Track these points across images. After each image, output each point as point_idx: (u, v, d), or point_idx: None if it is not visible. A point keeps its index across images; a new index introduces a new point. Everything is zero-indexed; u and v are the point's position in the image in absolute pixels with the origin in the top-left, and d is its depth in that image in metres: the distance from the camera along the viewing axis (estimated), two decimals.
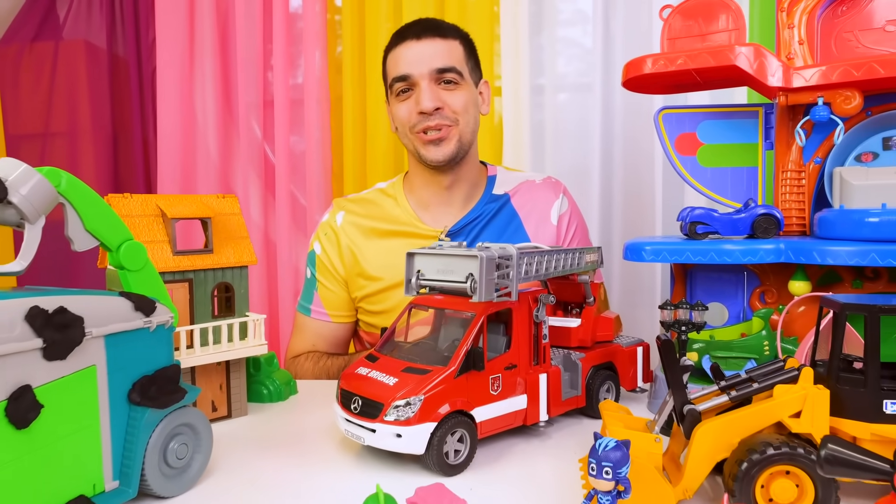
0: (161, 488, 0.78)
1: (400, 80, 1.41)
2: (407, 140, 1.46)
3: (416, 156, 1.46)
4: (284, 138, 2.23)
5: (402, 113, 1.43)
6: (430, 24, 1.44)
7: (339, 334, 1.57)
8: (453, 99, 1.40)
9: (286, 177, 2.24)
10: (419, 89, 1.40)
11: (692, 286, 1.13)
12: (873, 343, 0.68)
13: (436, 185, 1.49)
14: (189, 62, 2.30)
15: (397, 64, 1.42)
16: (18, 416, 0.63)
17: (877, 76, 0.91)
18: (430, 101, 1.38)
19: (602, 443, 0.64)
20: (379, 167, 2.15)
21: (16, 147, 2.36)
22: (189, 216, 1.03)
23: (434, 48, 1.39)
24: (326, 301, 1.55)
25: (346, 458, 0.91)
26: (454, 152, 1.42)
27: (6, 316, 0.63)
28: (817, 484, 0.65)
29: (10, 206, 0.69)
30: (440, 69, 1.39)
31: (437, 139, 1.40)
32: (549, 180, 1.58)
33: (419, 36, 1.40)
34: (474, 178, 1.52)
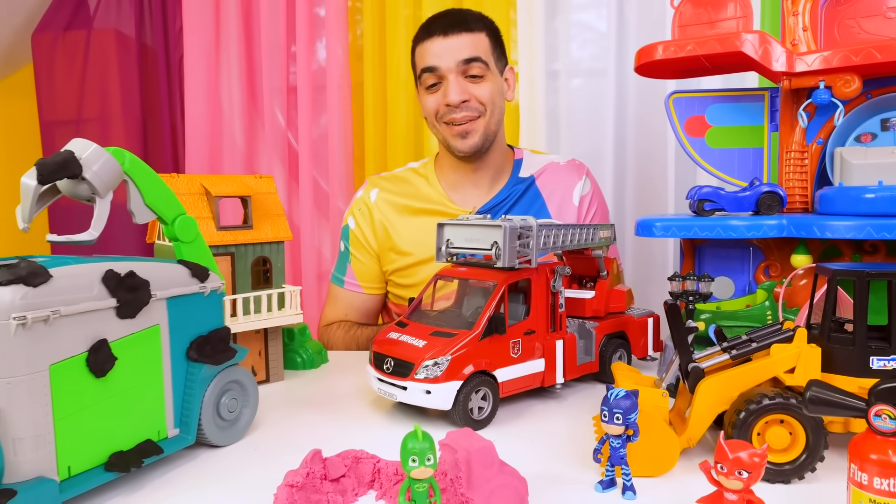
0: (215, 438, 0.87)
1: (428, 70, 1.47)
2: (436, 130, 1.54)
3: (446, 145, 1.54)
4: (307, 124, 2.31)
5: (430, 104, 1.50)
6: (456, 19, 1.49)
7: (370, 305, 1.66)
8: (480, 91, 1.47)
9: (309, 162, 2.31)
10: (447, 82, 1.46)
11: (700, 261, 1.20)
12: (862, 305, 0.75)
13: (463, 169, 1.57)
14: (215, 50, 2.37)
15: (425, 56, 1.48)
16: (97, 366, 0.72)
17: (874, 61, 0.97)
18: (456, 95, 1.45)
19: (613, 392, 0.72)
20: (399, 151, 2.22)
21: (50, 132, 2.46)
22: (231, 194, 1.11)
23: (460, 42, 1.45)
24: (359, 273, 1.64)
25: (377, 415, 1.00)
26: (480, 143, 1.50)
27: (86, 278, 0.72)
28: (808, 431, 0.73)
29: (83, 182, 0.77)
30: (466, 60, 1.45)
31: (464, 132, 1.47)
32: (573, 163, 1.65)
33: (446, 32, 1.46)
34: (500, 163, 1.60)
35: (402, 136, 2.24)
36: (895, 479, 0.54)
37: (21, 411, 0.65)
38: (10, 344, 0.65)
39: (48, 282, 0.68)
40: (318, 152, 2.35)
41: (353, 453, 0.76)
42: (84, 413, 0.71)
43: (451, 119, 1.47)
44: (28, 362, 0.66)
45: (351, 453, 0.76)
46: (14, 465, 0.65)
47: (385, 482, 0.74)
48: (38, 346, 0.67)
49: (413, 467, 0.63)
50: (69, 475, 0.70)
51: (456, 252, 0.97)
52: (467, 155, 1.51)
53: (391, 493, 0.72)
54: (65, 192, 0.79)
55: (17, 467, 0.66)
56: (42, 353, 0.67)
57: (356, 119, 2.33)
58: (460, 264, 1.04)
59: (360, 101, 2.32)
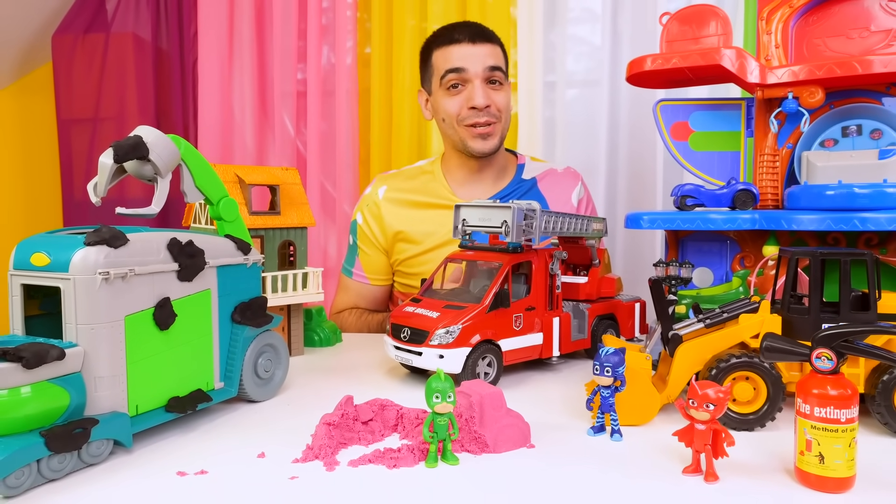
0: (253, 393, 0.99)
1: (454, 71, 1.58)
2: (453, 131, 1.64)
3: (461, 145, 1.64)
4: (315, 129, 2.42)
5: (452, 107, 1.61)
6: (480, 30, 1.62)
7: (378, 294, 1.78)
8: (499, 98, 1.61)
9: (317, 168, 2.43)
10: (472, 86, 1.58)
11: (683, 253, 1.33)
12: (816, 280, 0.88)
13: (469, 167, 1.69)
14: (228, 54, 2.49)
15: (450, 58, 1.59)
16: (162, 320, 0.83)
17: (835, 75, 1.11)
18: (482, 99, 1.57)
19: (604, 349, 0.84)
20: (403, 155, 2.34)
21: (67, 130, 2.57)
22: (262, 183, 1.23)
23: (485, 51, 1.59)
24: (367, 266, 1.76)
25: (393, 381, 1.12)
26: (497, 146, 1.64)
27: (154, 244, 0.84)
28: (769, 386, 0.85)
29: (148, 163, 0.89)
30: (492, 67, 1.58)
31: (486, 134, 1.60)
32: (570, 170, 1.81)
33: (473, 40, 1.58)
34: (503, 163, 1.73)
35: (406, 139, 2.36)
36: (831, 408, 0.66)
37: (101, 354, 0.77)
38: (95, 295, 0.76)
39: (126, 245, 0.79)
40: (325, 158, 2.46)
41: (380, 401, 0.88)
42: (149, 360, 0.83)
43: (476, 122, 1.59)
44: (109, 312, 0.78)
45: (377, 401, 0.88)
46: (95, 399, 0.77)
47: (407, 425, 0.85)
48: (117, 299, 0.78)
49: (436, 403, 0.75)
50: (137, 412, 0.82)
51: (470, 229, 1.09)
52: (483, 155, 1.63)
53: (413, 434, 0.84)
54: (131, 172, 0.90)
55: (97, 401, 0.77)
56: (119, 305, 0.79)
57: (363, 124, 2.45)
58: (468, 248, 1.17)
59: (367, 107, 2.44)
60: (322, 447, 0.78)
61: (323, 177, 2.47)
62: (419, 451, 0.78)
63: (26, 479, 0.70)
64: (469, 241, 1.15)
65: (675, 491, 0.70)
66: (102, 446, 0.77)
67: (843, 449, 0.66)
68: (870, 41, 1.20)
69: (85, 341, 0.76)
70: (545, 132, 2.27)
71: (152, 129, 0.90)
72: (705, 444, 0.71)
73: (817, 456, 0.67)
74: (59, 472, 0.73)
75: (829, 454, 0.67)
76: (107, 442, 0.77)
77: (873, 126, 1.16)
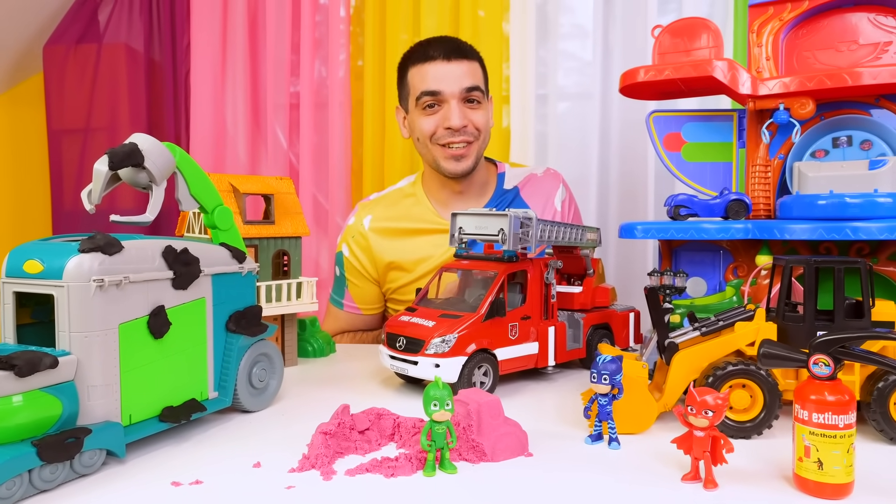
0: (247, 403, 0.98)
1: (429, 94, 1.55)
2: (426, 150, 1.61)
3: (434, 165, 1.61)
4: (308, 141, 2.42)
5: (427, 126, 1.57)
6: (456, 47, 1.58)
7: (370, 320, 1.77)
8: (476, 116, 1.57)
9: (309, 180, 2.42)
10: (448, 107, 1.54)
11: (677, 263, 1.33)
12: (810, 288, 0.88)
13: (450, 186, 1.66)
14: (221, 66, 2.49)
15: (425, 79, 1.55)
16: (156, 328, 0.83)
17: (825, 87, 1.12)
18: (458, 119, 1.53)
19: (601, 357, 0.84)
20: (396, 167, 2.34)
21: (57, 141, 2.55)
22: (256, 192, 1.22)
23: (461, 69, 1.55)
24: (357, 297, 1.74)
25: (388, 390, 1.11)
26: (471, 167, 1.59)
27: (149, 251, 0.83)
28: (766, 393, 0.85)
29: (143, 171, 0.88)
30: (469, 88, 1.54)
31: (460, 155, 1.56)
32: (549, 171, 1.78)
33: (448, 58, 1.54)
34: (484, 178, 1.70)
35: (399, 151, 2.36)
36: (829, 414, 0.67)
37: (95, 362, 0.76)
38: (89, 303, 0.76)
39: (121, 252, 0.79)
40: (318, 170, 2.46)
41: (376, 410, 0.87)
42: (143, 369, 0.82)
43: (450, 142, 1.56)
44: (103, 320, 0.77)
45: (374, 410, 0.87)
46: (87, 408, 0.76)
47: (404, 434, 0.85)
48: (111, 306, 0.78)
49: (434, 411, 0.75)
50: (130, 422, 0.81)
51: (467, 238, 1.09)
52: (457, 176, 1.60)
53: (410, 444, 0.83)
54: (125, 180, 0.90)
55: (90, 410, 0.76)
56: (113, 313, 0.78)
57: (355, 136, 2.45)
58: (462, 258, 1.17)
59: (360, 119, 2.44)
60: (319, 456, 0.77)
61: (315, 189, 2.46)
62: (417, 460, 0.77)
63: (17, 489, 0.68)
64: (465, 249, 1.15)
65: (675, 498, 0.69)
66: (95, 456, 0.76)
67: (841, 455, 0.66)
68: (858, 54, 1.22)
69: (78, 349, 0.75)
70: (537, 146, 2.29)
71: (147, 136, 0.90)
72: (704, 450, 0.71)
73: (816, 462, 0.67)
74: (51, 482, 0.71)
75: (827, 460, 0.67)
76: (100, 452, 0.76)
77: (863, 137, 1.18)
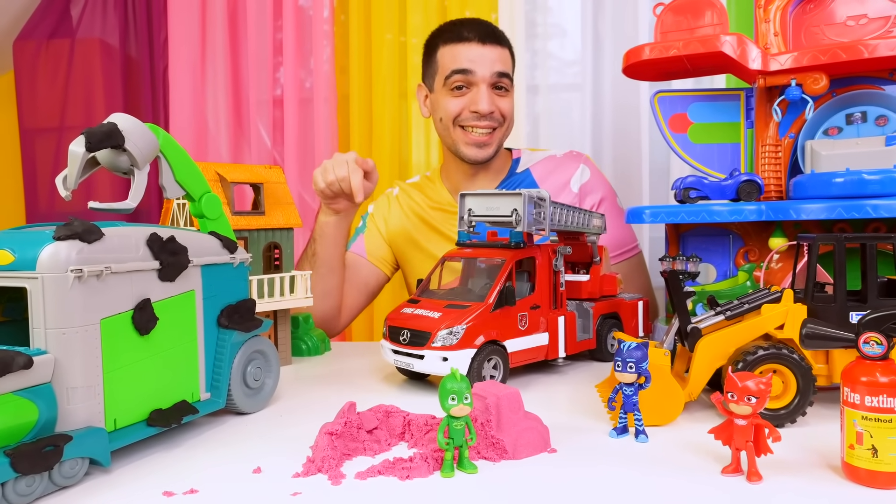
0: (242, 404, 0.91)
1: (460, 72, 1.50)
2: (447, 133, 1.57)
3: (453, 147, 1.57)
4: (293, 138, 2.34)
5: (454, 107, 1.53)
6: (490, 30, 1.54)
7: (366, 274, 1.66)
8: (503, 104, 1.53)
9: (295, 177, 2.34)
10: (477, 90, 1.50)
11: (684, 249, 1.28)
12: (841, 266, 0.83)
13: (463, 172, 1.62)
14: (200, 62, 2.41)
15: (458, 59, 1.51)
16: (142, 324, 0.76)
17: (840, 60, 1.08)
18: (487, 105, 1.49)
19: (626, 344, 0.79)
20: (385, 164, 2.27)
21: (31, 140, 2.45)
22: (245, 181, 1.15)
23: (495, 54, 1.51)
24: (368, 244, 1.68)
25: (392, 388, 1.05)
26: (492, 155, 1.56)
27: (133, 239, 0.76)
28: (799, 378, 0.80)
29: (124, 154, 0.81)
30: (500, 73, 1.51)
31: (483, 142, 1.53)
32: (571, 153, 1.70)
33: (483, 41, 1.50)
34: (500, 164, 1.66)
35: (387, 150, 2.30)
36: (883, 396, 0.61)
37: (75, 361, 0.69)
38: (66, 296, 0.68)
39: (101, 239, 0.72)
40: (303, 167, 2.38)
41: (384, 408, 0.81)
42: (129, 369, 0.75)
43: (474, 126, 1.52)
44: (82, 315, 0.70)
45: (382, 408, 0.81)
46: (67, 413, 0.69)
47: (416, 433, 0.78)
48: (91, 299, 0.70)
49: (452, 405, 0.68)
50: (115, 427, 0.73)
51: (477, 220, 1.03)
52: (476, 163, 1.57)
53: (422, 443, 0.77)
54: (104, 164, 0.83)
55: (71, 415, 0.69)
56: (94, 307, 0.71)
57: (342, 131, 2.38)
58: (466, 246, 1.11)
59: (346, 114, 2.37)
60: (325, 459, 0.70)
61: (301, 187, 2.38)
62: (433, 460, 0.71)
63: None
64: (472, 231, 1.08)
65: (718, 493, 0.64)
66: (77, 466, 0.68)
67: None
68: (869, 28, 1.18)
69: (56, 348, 0.68)
70: (529, 140, 2.24)
71: (129, 116, 0.83)
72: (747, 440, 0.65)
73: (870, 449, 0.62)
74: (28, 496, 0.64)
75: (883, 447, 0.62)
76: (82, 461, 0.69)
77: (878, 112, 1.14)
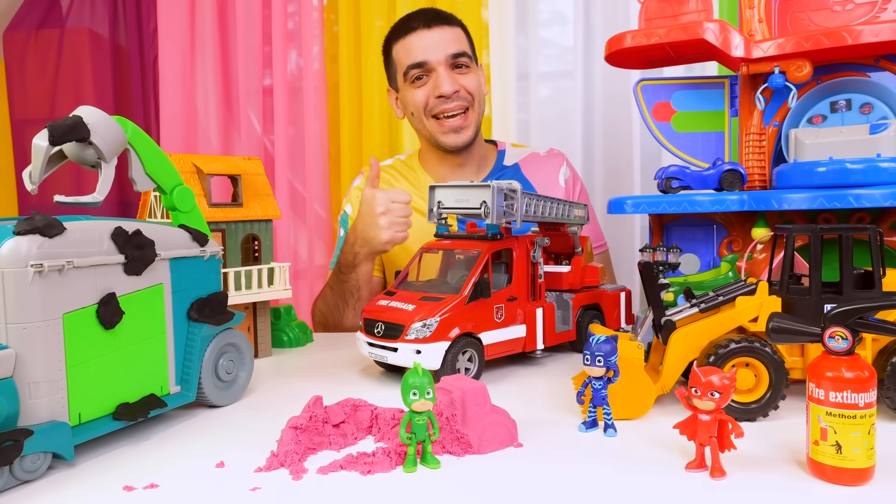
0: (214, 397, 0.91)
1: (416, 66, 1.50)
2: (422, 126, 1.56)
3: (433, 141, 1.56)
4: (283, 127, 2.33)
5: (419, 98, 1.52)
6: (435, 14, 1.54)
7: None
8: (467, 81, 1.52)
9: (285, 166, 2.33)
10: (436, 75, 1.49)
11: (668, 239, 1.27)
12: (816, 258, 0.82)
13: (448, 163, 1.61)
14: (190, 52, 2.39)
15: (410, 52, 1.51)
16: (106, 318, 0.75)
17: (823, 47, 1.06)
18: (448, 86, 1.48)
19: (595, 338, 0.78)
20: (375, 152, 2.26)
21: (21, 131, 2.44)
22: (222, 173, 1.14)
23: (444, 35, 1.50)
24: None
25: (367, 379, 1.04)
26: (471, 137, 1.54)
27: (97, 233, 0.75)
28: (771, 372, 0.80)
29: (90, 147, 0.81)
30: (455, 54, 1.49)
31: (458, 126, 1.51)
32: (553, 151, 1.74)
33: (429, 25, 1.50)
34: (483, 153, 1.65)
35: (377, 137, 2.29)
36: (848, 392, 0.61)
37: (36, 356, 0.68)
38: (27, 291, 0.68)
39: (63, 234, 0.71)
40: (294, 156, 2.37)
41: (352, 401, 0.80)
42: (94, 363, 0.74)
43: (443, 110, 1.50)
44: (43, 310, 0.69)
45: (349, 401, 0.80)
46: (29, 407, 0.68)
47: (383, 427, 0.78)
48: (53, 294, 0.70)
49: (414, 400, 0.68)
50: (80, 421, 0.73)
51: (446, 212, 1.02)
52: (458, 149, 1.55)
53: (389, 437, 0.76)
54: (71, 157, 0.82)
55: (33, 410, 0.68)
56: (56, 302, 0.70)
57: (332, 121, 2.37)
58: (444, 237, 1.10)
59: (336, 103, 2.36)
60: (288, 453, 0.70)
61: (292, 175, 2.38)
62: (396, 455, 0.70)
63: None
64: (445, 224, 1.08)
65: (680, 488, 0.63)
66: (39, 460, 0.68)
67: (861, 437, 0.61)
68: (855, 13, 1.16)
69: (16, 343, 0.67)
70: (520, 132, 2.22)
71: (95, 109, 0.82)
72: (710, 436, 0.65)
73: (834, 445, 0.61)
74: None
75: (846, 443, 0.61)
76: (44, 455, 0.69)
77: (863, 100, 1.12)
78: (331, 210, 2.37)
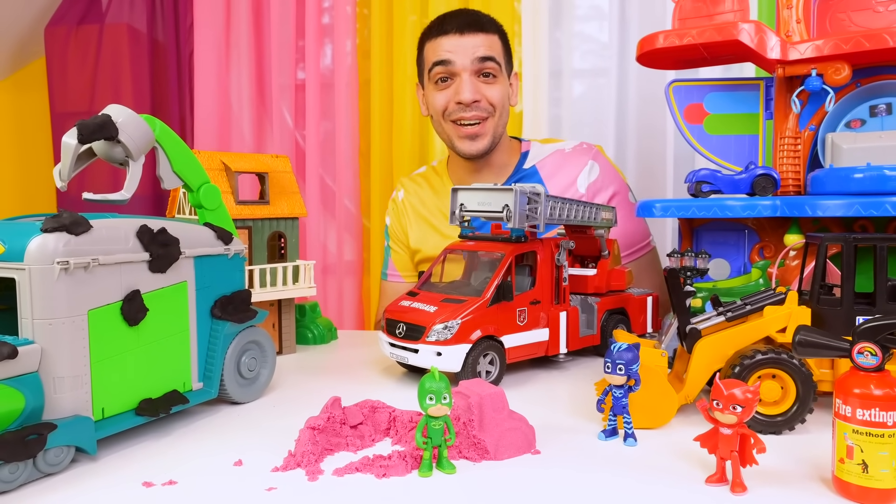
0: (236, 394, 0.92)
1: (441, 63, 1.47)
2: (441, 128, 1.54)
3: (450, 144, 1.55)
4: (315, 122, 2.35)
5: (439, 101, 1.50)
6: (472, 20, 1.50)
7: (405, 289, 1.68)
8: (491, 91, 1.48)
9: (316, 161, 2.35)
10: (460, 80, 1.46)
11: (698, 244, 1.25)
12: (849, 268, 0.80)
13: (468, 167, 1.59)
14: (225, 47, 2.42)
15: (438, 50, 1.48)
16: (131, 315, 0.76)
17: (863, 49, 1.02)
18: (469, 93, 1.45)
19: (616, 346, 0.77)
20: (405, 148, 2.26)
21: (61, 124, 2.50)
22: (249, 170, 1.15)
23: (475, 41, 1.46)
24: (398, 264, 1.73)
25: (389, 379, 1.04)
26: (487, 147, 1.50)
27: (122, 231, 0.76)
28: (798, 384, 0.77)
29: (119, 145, 0.82)
30: (482, 58, 1.46)
31: (474, 134, 1.48)
32: (580, 147, 1.63)
33: (462, 31, 1.47)
34: (505, 159, 1.61)
35: (407, 134, 2.28)
36: (876, 410, 0.59)
37: (61, 352, 0.70)
38: (53, 287, 0.69)
39: (89, 231, 0.72)
40: (325, 151, 2.39)
41: (370, 403, 0.80)
42: (117, 359, 0.76)
43: (460, 118, 1.48)
44: (69, 306, 0.70)
45: (368, 403, 0.80)
46: (54, 402, 0.70)
47: (401, 429, 0.78)
48: (78, 291, 0.71)
49: (430, 405, 0.67)
50: (103, 416, 0.74)
51: (469, 215, 1.01)
52: (472, 157, 1.53)
53: (407, 439, 0.76)
54: (100, 155, 0.83)
55: (57, 404, 0.70)
56: (81, 298, 0.72)
57: (363, 116, 2.37)
58: (469, 238, 1.09)
59: (367, 99, 2.37)
60: (305, 454, 0.70)
61: (323, 170, 2.39)
62: (412, 459, 0.70)
63: None
64: (470, 229, 1.07)
65: (698, 502, 0.62)
66: (62, 454, 0.70)
67: (889, 456, 0.58)
68: None
69: (42, 338, 0.69)
70: (551, 129, 2.20)
71: (123, 107, 0.83)
72: (731, 450, 0.63)
73: (860, 464, 0.59)
74: (12, 482, 0.66)
75: (873, 462, 0.59)
76: (67, 449, 0.70)
77: None
78: (360, 205, 2.38)
